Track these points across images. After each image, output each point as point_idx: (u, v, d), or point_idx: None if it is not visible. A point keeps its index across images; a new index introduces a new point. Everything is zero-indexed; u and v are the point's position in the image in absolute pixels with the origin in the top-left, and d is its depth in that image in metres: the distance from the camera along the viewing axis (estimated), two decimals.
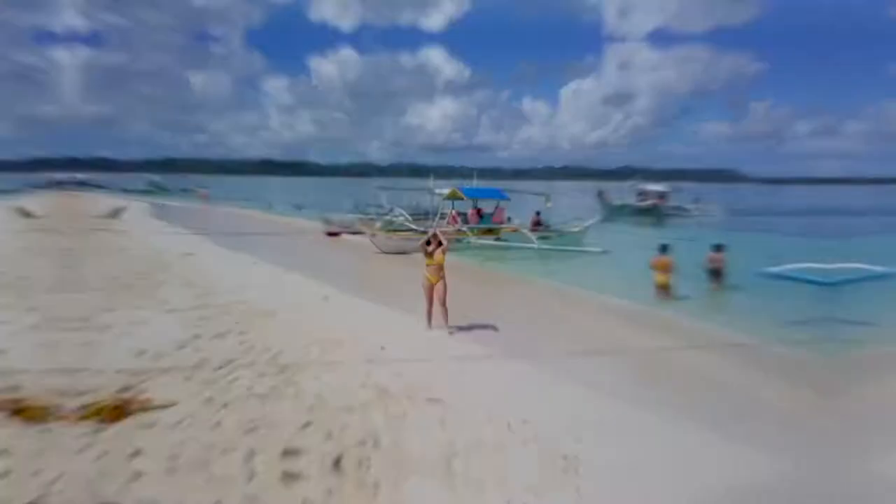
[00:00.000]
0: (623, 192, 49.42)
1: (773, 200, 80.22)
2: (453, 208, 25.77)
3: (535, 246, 23.14)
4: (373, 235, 22.97)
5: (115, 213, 30.30)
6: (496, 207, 25.73)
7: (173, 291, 12.81)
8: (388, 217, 27.03)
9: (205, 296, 12.48)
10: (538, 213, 25.98)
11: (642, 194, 48.69)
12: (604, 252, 23.14)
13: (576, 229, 25.78)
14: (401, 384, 7.70)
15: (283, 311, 11.51)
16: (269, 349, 9.02)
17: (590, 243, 24.62)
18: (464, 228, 24.29)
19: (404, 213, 28.24)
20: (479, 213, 25.49)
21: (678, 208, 47.05)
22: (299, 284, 14.80)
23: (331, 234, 26.50)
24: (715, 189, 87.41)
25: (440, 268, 10.55)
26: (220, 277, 14.74)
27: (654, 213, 45.68)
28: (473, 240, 23.52)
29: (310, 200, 57.22)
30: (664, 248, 14.97)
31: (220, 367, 8.16)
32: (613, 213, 41.99)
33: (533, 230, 24.72)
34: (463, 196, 25.20)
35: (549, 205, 26.02)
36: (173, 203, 51.74)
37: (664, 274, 14.44)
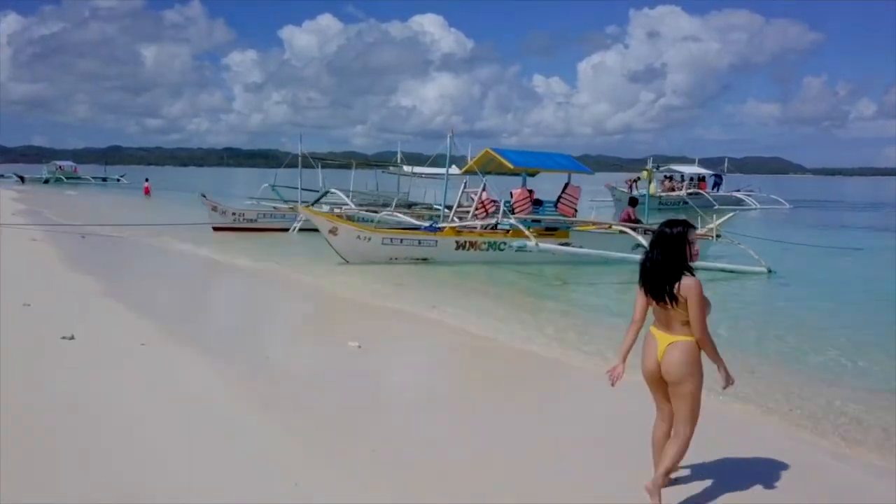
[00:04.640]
0: (646, 182, 37.94)
1: (837, 193, 71.57)
2: (483, 189, 14.93)
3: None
4: (332, 231, 12.30)
5: None
6: (564, 188, 14.79)
7: None
8: (313, 205, 18.06)
9: None
10: (634, 202, 15.05)
11: (670, 179, 37.43)
12: (771, 273, 12.88)
13: (702, 231, 14.71)
14: None
15: None
16: None
17: (739, 257, 14.16)
18: (507, 225, 13.58)
19: (342, 194, 19.87)
20: (530, 196, 14.47)
21: (728, 198, 35.78)
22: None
23: (220, 230, 17.62)
24: (763, 181, 75.76)
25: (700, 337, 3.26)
26: None
27: (690, 204, 34.39)
28: (530, 245, 12.67)
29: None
30: None
31: None
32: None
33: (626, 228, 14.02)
34: (509, 165, 14.16)
35: (652, 188, 15.22)
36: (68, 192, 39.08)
37: None
